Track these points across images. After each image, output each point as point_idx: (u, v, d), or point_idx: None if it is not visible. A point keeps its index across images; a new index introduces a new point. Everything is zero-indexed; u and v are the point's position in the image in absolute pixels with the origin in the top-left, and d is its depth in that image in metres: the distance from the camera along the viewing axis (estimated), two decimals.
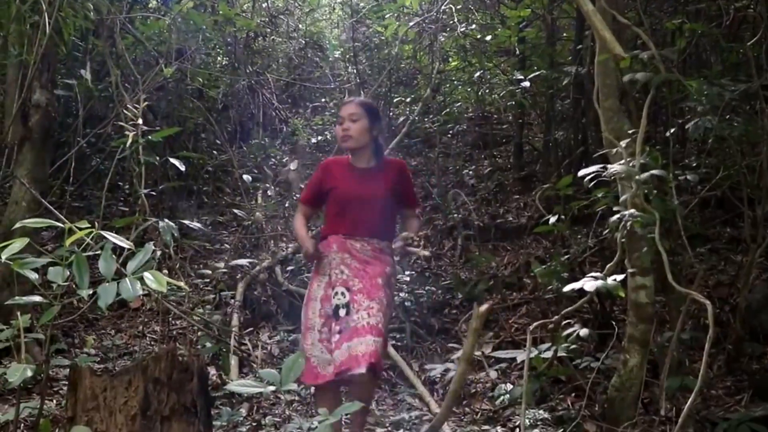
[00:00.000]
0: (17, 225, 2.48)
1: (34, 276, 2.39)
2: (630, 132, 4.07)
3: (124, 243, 2.43)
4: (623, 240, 4.15)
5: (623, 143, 3.96)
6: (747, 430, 4.16)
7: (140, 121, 4.49)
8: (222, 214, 8.34)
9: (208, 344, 5.16)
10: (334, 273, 3.91)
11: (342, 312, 3.80)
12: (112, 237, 2.39)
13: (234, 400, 4.73)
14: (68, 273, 2.37)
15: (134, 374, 2.64)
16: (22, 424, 3.96)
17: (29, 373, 2.33)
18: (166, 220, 4.01)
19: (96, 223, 2.43)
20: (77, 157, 6.21)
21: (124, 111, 4.73)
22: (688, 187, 5.01)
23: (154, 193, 6.48)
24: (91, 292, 2.31)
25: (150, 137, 4.34)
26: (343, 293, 3.84)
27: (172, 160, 4.66)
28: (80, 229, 2.35)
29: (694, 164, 5.17)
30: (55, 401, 4.44)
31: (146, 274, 2.32)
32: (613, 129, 4.25)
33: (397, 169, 4.18)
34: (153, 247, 2.48)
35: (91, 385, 2.62)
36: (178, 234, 4.24)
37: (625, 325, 4.51)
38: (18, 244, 2.30)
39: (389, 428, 4.59)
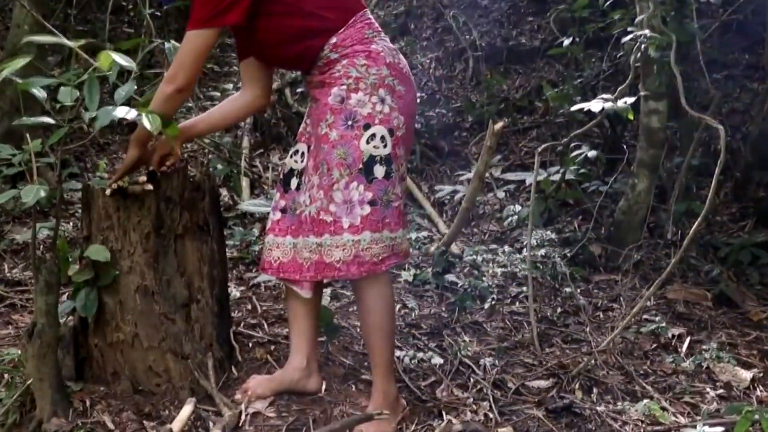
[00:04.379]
0: (23, 41, 2.41)
1: (42, 95, 2.35)
2: None
3: (130, 64, 2.39)
4: (637, 64, 4.09)
5: None
6: (748, 254, 4.26)
7: None
8: (230, 36, 8.17)
9: (219, 166, 5.19)
10: (303, 124, 2.78)
11: (293, 182, 2.68)
12: (119, 57, 2.35)
13: (246, 220, 4.81)
14: (77, 94, 2.34)
15: (146, 193, 2.66)
16: (41, 245, 4.05)
17: (43, 194, 2.35)
18: (172, 42, 3.92)
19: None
20: None
21: None
22: (709, 11, 4.87)
23: (159, 14, 6.32)
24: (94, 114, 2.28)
25: None
26: (303, 155, 2.68)
27: None
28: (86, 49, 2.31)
29: None
30: (71, 224, 4.53)
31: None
32: None
33: None
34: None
35: (104, 205, 2.66)
36: None
37: (636, 150, 4.51)
38: (21, 60, 2.25)
39: None
